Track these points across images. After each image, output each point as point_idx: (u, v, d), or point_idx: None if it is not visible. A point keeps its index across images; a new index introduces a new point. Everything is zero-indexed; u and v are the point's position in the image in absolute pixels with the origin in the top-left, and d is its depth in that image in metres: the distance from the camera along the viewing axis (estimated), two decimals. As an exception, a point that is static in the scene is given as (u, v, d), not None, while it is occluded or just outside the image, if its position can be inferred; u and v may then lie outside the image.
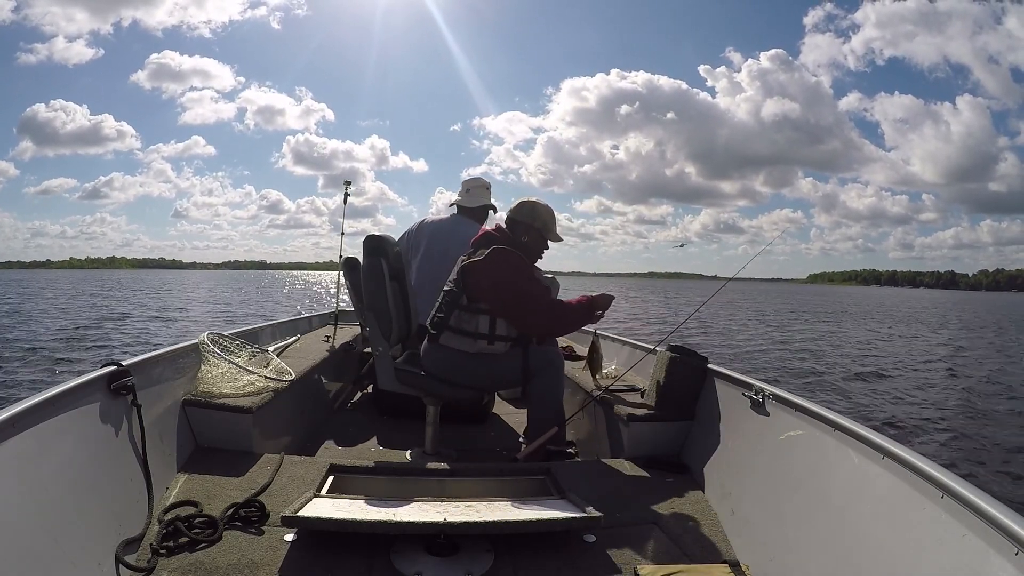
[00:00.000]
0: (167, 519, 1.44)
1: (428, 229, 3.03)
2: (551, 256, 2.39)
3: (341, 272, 3.62)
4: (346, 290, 3.51)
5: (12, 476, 1.16)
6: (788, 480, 1.55)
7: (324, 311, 4.71)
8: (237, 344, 2.39)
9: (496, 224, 2.36)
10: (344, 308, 4.22)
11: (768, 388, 1.83)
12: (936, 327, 22.40)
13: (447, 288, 2.24)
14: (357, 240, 2.55)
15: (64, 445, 1.36)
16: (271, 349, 2.77)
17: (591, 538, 1.48)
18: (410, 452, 2.34)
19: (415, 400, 2.33)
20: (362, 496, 1.58)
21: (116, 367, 1.68)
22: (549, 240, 2.33)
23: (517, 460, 2.14)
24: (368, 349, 3.01)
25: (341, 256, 3.73)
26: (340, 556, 1.35)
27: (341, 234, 3.95)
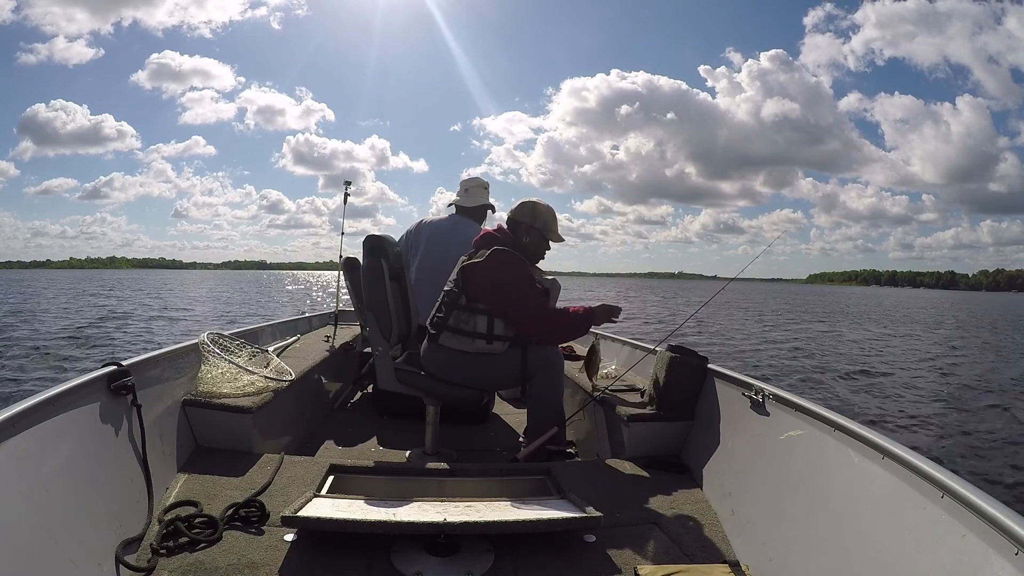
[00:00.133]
0: (167, 519, 1.44)
1: (427, 229, 3.04)
2: (551, 256, 2.40)
3: (341, 272, 3.63)
4: (346, 290, 3.51)
5: (12, 476, 1.16)
6: (788, 480, 1.54)
7: (324, 311, 4.71)
8: (237, 344, 2.39)
9: (498, 225, 2.36)
10: (344, 308, 4.22)
11: (768, 388, 1.83)
12: (933, 326, 22.45)
13: (447, 288, 2.24)
14: (357, 240, 2.56)
15: (64, 445, 1.36)
16: (271, 349, 2.77)
17: (591, 538, 1.48)
18: (410, 452, 2.34)
19: (415, 400, 2.33)
20: (362, 496, 1.58)
21: (116, 367, 1.69)
22: (551, 241, 2.32)
23: (517, 460, 2.14)
24: (368, 349, 3.01)
25: (341, 256, 3.74)
26: (340, 556, 1.35)
27: (341, 234, 3.95)
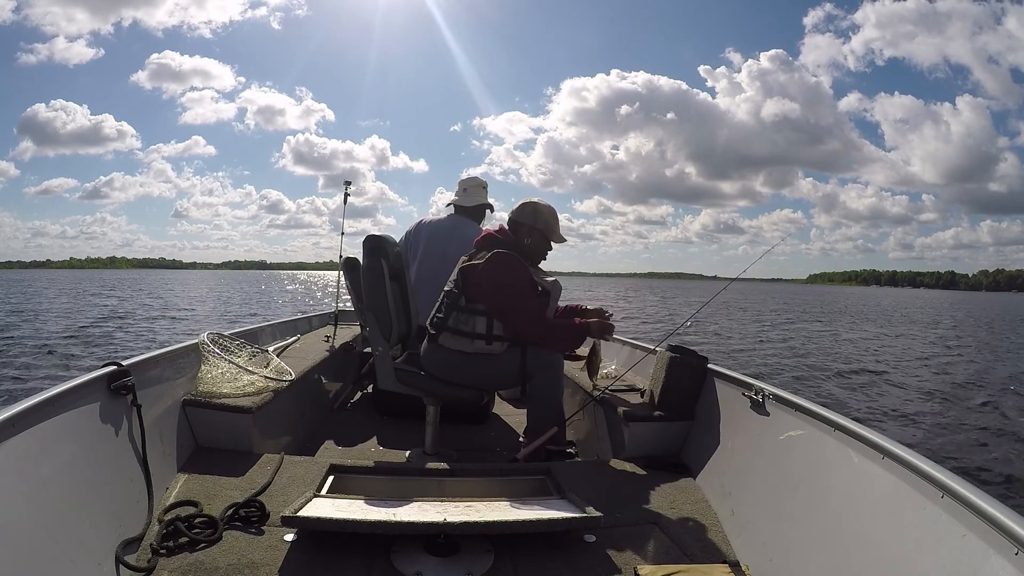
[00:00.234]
0: (167, 519, 1.44)
1: (426, 229, 3.04)
2: (551, 256, 2.39)
3: (341, 272, 3.63)
4: (346, 290, 3.51)
5: (12, 476, 1.16)
6: (788, 480, 1.54)
7: (324, 311, 4.71)
8: (237, 344, 2.39)
9: (499, 226, 2.36)
10: (344, 308, 4.22)
11: (768, 388, 1.83)
12: (931, 326, 22.48)
13: (447, 289, 2.24)
14: (357, 240, 2.55)
15: (64, 445, 1.36)
16: (271, 349, 2.77)
17: (591, 538, 1.48)
18: (410, 452, 2.34)
19: (415, 400, 2.33)
20: (362, 496, 1.58)
21: (116, 367, 1.68)
22: (552, 241, 2.32)
23: (517, 460, 2.14)
24: (368, 349, 3.01)
25: (341, 256, 3.74)
26: (340, 556, 1.35)
27: (341, 234, 3.96)
